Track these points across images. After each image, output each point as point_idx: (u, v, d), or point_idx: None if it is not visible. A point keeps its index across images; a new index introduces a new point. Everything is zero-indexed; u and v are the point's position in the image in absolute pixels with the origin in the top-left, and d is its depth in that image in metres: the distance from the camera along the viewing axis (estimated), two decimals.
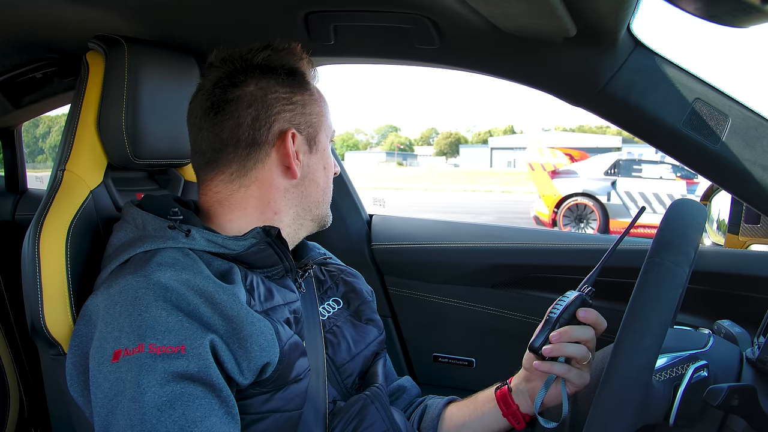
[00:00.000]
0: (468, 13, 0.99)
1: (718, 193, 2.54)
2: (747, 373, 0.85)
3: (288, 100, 0.89)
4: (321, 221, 0.96)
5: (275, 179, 0.89)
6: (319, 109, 0.92)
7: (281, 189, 0.90)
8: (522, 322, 1.51)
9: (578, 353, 0.85)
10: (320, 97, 0.93)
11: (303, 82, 0.91)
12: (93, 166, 1.00)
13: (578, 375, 0.87)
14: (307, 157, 0.90)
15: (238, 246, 0.84)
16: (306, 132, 0.90)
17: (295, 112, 0.89)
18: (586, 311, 0.86)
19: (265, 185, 0.89)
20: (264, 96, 0.87)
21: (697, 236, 0.74)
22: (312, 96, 0.91)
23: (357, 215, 1.66)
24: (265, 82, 0.88)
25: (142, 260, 0.79)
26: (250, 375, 0.76)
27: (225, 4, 1.11)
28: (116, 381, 0.70)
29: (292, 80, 0.90)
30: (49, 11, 1.15)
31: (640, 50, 1.05)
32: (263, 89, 0.88)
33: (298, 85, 0.90)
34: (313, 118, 0.91)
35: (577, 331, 0.85)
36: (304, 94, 0.90)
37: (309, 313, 0.92)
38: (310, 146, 0.91)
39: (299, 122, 0.89)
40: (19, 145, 1.94)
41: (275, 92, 0.88)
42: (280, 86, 0.89)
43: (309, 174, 0.91)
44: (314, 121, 0.91)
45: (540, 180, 8.97)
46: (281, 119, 0.88)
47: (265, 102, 0.87)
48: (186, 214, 0.86)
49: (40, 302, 0.87)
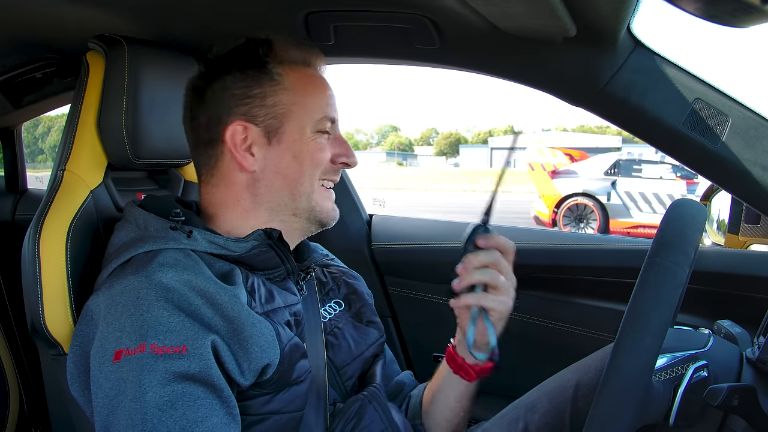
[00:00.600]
0: (468, 13, 0.99)
1: (718, 193, 2.54)
2: (747, 373, 0.85)
3: (243, 95, 0.88)
4: (309, 216, 0.92)
5: (234, 175, 0.89)
6: (291, 98, 0.88)
7: (243, 185, 0.89)
8: (522, 322, 1.51)
9: (485, 277, 0.86)
10: (297, 86, 0.89)
11: (263, 72, 0.88)
12: (93, 166, 1.00)
13: (496, 301, 0.87)
14: (264, 149, 0.88)
15: (239, 248, 0.84)
16: (265, 124, 0.88)
17: (252, 104, 0.88)
18: (485, 237, 0.87)
19: (229, 182, 0.90)
20: (218, 96, 0.88)
21: (697, 236, 0.74)
22: (278, 86, 0.88)
23: (357, 215, 1.66)
24: (220, 82, 0.89)
25: (144, 260, 0.79)
26: (250, 376, 0.76)
27: (225, 4, 1.11)
28: (117, 381, 0.70)
29: (249, 74, 0.88)
30: (49, 11, 1.15)
31: (640, 50, 1.05)
32: (217, 90, 0.89)
33: (257, 77, 0.88)
34: (278, 108, 0.88)
35: (479, 257, 0.86)
36: (265, 85, 0.88)
37: (310, 315, 0.92)
38: (269, 138, 0.88)
39: (256, 114, 0.88)
40: (19, 145, 1.94)
41: (228, 90, 0.88)
42: (234, 83, 0.88)
43: (270, 166, 0.89)
44: (279, 112, 0.88)
45: (540, 180, 8.97)
46: (235, 113, 0.88)
47: (220, 100, 0.88)
48: (188, 215, 0.86)
49: (40, 302, 0.87)
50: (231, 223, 0.90)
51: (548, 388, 1.01)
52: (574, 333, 1.45)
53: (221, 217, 0.91)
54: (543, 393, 1.01)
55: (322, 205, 0.92)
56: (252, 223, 0.90)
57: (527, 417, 0.99)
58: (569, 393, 0.96)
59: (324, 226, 0.95)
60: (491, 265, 0.87)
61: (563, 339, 1.46)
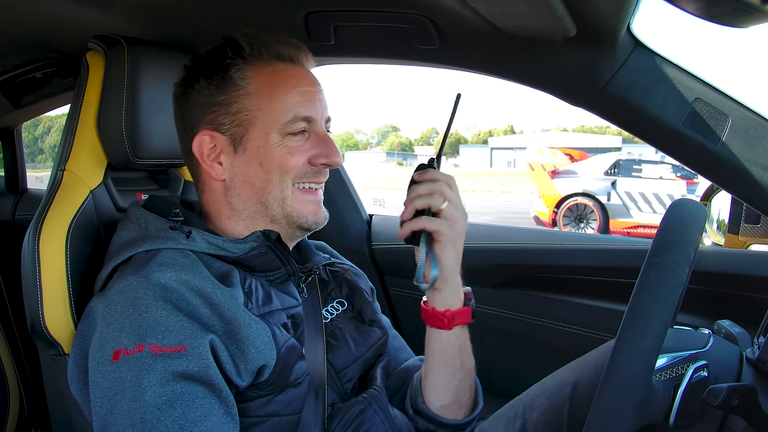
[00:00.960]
0: (468, 13, 0.99)
1: (718, 193, 2.54)
2: (747, 373, 0.85)
3: (210, 102, 0.87)
4: (288, 221, 0.89)
5: (211, 183, 0.90)
6: (255, 103, 0.86)
7: (220, 192, 0.90)
8: (522, 322, 1.51)
9: (427, 202, 0.85)
10: (261, 90, 0.86)
11: (225, 79, 0.86)
12: (93, 166, 1.00)
13: (440, 223, 0.85)
14: (230, 157, 0.87)
15: (237, 249, 0.84)
16: (231, 132, 0.87)
17: (218, 112, 0.87)
18: (422, 171, 0.87)
19: (209, 190, 0.91)
20: (188, 106, 0.89)
21: (697, 236, 0.74)
22: (240, 91, 0.86)
23: (357, 215, 1.66)
24: (191, 92, 0.89)
25: (143, 260, 0.79)
26: (247, 377, 0.76)
27: (225, 4, 1.11)
28: (116, 380, 0.70)
29: (216, 80, 0.87)
30: (49, 11, 1.15)
31: (640, 50, 1.05)
32: (187, 99, 0.89)
33: (220, 84, 0.87)
34: (242, 115, 0.86)
35: (420, 187, 0.86)
36: (229, 92, 0.86)
37: (311, 317, 0.92)
38: (235, 146, 0.87)
39: (222, 123, 0.87)
40: (19, 145, 1.94)
41: (198, 97, 0.88)
42: (200, 92, 0.88)
43: (237, 175, 0.88)
44: (244, 119, 0.86)
45: (540, 180, 8.96)
46: (203, 122, 0.88)
47: (192, 108, 0.88)
48: (187, 216, 0.87)
49: (40, 302, 0.87)
50: (224, 226, 0.91)
51: (546, 386, 1.01)
52: (574, 333, 1.45)
53: (216, 220, 0.92)
54: (541, 391, 1.01)
55: (300, 210, 0.89)
56: (240, 229, 0.90)
57: (525, 415, 0.99)
58: (567, 391, 0.96)
59: (308, 230, 0.92)
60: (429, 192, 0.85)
61: (563, 339, 1.46)
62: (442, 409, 0.94)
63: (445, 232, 0.85)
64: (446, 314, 0.90)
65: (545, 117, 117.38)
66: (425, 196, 0.85)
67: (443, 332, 0.91)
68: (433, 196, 0.85)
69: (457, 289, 0.90)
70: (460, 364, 0.93)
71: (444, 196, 0.85)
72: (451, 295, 0.90)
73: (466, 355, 0.93)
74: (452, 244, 0.87)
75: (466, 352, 0.93)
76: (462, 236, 0.88)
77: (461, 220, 0.87)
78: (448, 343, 0.92)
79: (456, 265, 0.89)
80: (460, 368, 0.93)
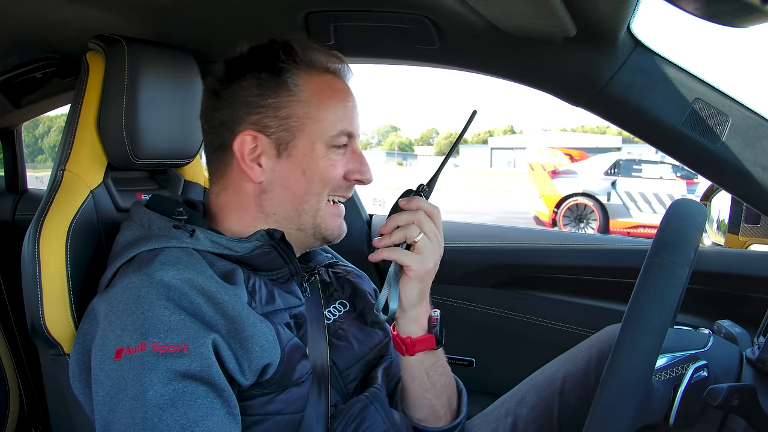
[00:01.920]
0: (468, 13, 0.99)
1: (718, 193, 2.54)
2: (747, 373, 0.85)
3: (257, 104, 0.86)
4: (314, 233, 0.90)
5: (242, 183, 0.89)
6: (305, 111, 0.86)
7: (251, 194, 0.88)
8: (522, 322, 1.51)
9: (402, 232, 0.84)
10: (312, 99, 0.86)
11: (280, 83, 0.86)
12: (93, 166, 1.00)
13: (410, 257, 0.84)
14: (273, 161, 0.87)
15: (241, 248, 0.84)
16: (276, 136, 0.86)
17: (265, 114, 0.86)
18: (407, 199, 0.86)
19: (236, 190, 0.89)
20: (232, 99, 0.87)
21: (697, 236, 0.74)
22: (293, 97, 0.86)
23: (357, 215, 1.66)
24: (238, 85, 0.87)
25: (146, 259, 0.79)
26: (251, 375, 0.76)
27: (225, 4, 1.11)
28: (118, 379, 0.70)
29: (267, 82, 0.86)
30: (50, 11, 1.15)
31: (640, 50, 1.05)
32: (234, 93, 0.87)
33: (274, 86, 0.86)
34: (291, 121, 0.85)
35: (400, 216, 0.85)
36: (281, 96, 0.86)
37: (314, 317, 0.92)
38: (279, 150, 0.86)
39: (268, 125, 0.86)
40: (19, 145, 1.94)
41: (244, 95, 0.86)
42: (251, 89, 0.86)
43: (278, 179, 0.87)
44: (292, 125, 0.86)
45: (540, 180, 8.97)
46: (246, 122, 0.86)
47: (233, 106, 0.87)
48: (191, 215, 0.86)
49: (40, 302, 0.87)
50: (235, 226, 0.90)
51: (536, 381, 1.02)
52: (574, 333, 1.45)
53: (226, 219, 0.91)
54: (531, 387, 1.01)
55: (329, 223, 0.91)
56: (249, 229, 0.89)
57: (516, 411, 0.99)
58: (557, 385, 0.97)
59: (329, 243, 0.94)
60: (408, 223, 0.85)
61: (563, 339, 1.46)
62: (420, 421, 0.94)
63: (414, 268, 0.84)
64: (406, 341, 0.89)
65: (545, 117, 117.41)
66: (403, 228, 0.85)
67: (407, 358, 0.90)
68: (410, 227, 0.84)
69: (417, 319, 0.89)
70: (429, 384, 0.92)
71: (421, 228, 0.84)
72: (411, 325, 0.89)
73: (437, 375, 0.92)
74: (419, 280, 0.86)
75: (437, 372, 0.92)
76: (431, 274, 0.87)
77: (433, 257, 0.86)
78: (413, 367, 0.91)
79: (419, 299, 0.88)
80: (429, 388, 0.92)
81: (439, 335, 0.90)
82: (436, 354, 0.91)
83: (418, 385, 0.92)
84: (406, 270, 0.85)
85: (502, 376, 1.03)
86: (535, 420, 0.97)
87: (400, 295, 0.86)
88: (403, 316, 0.88)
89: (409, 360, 0.90)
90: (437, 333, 0.90)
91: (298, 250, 0.93)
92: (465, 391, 1.00)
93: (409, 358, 0.90)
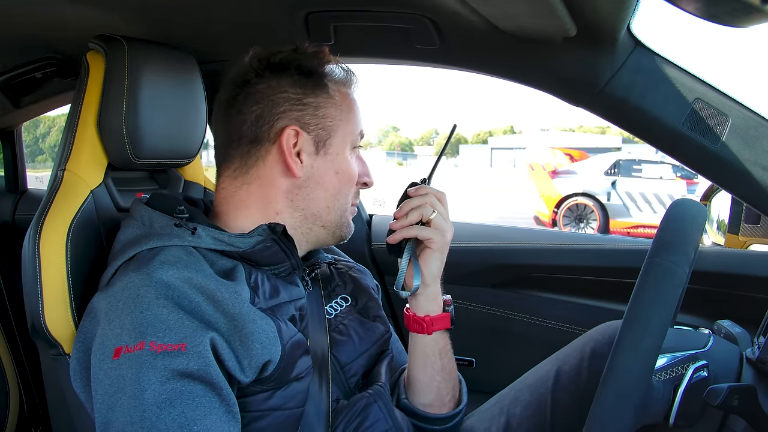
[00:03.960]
0: (468, 13, 0.99)
1: (718, 193, 2.54)
2: (747, 373, 0.85)
3: (298, 101, 0.88)
4: (335, 231, 0.94)
5: (276, 178, 0.89)
6: (338, 113, 0.90)
7: (282, 188, 0.89)
8: (522, 322, 1.51)
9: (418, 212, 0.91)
10: (344, 103, 0.91)
11: (320, 84, 0.90)
12: (93, 166, 1.00)
13: (431, 231, 0.91)
14: (311, 158, 0.89)
15: (244, 243, 0.84)
16: (315, 133, 0.89)
17: (305, 112, 0.88)
18: (416, 187, 0.94)
19: (266, 183, 0.89)
20: (272, 94, 0.88)
21: (697, 236, 0.74)
22: (330, 99, 0.90)
23: (357, 215, 1.66)
24: (277, 81, 0.89)
25: (146, 258, 0.79)
26: (251, 373, 0.76)
27: (225, 4, 1.11)
28: (117, 378, 0.71)
29: (307, 81, 0.89)
30: (50, 11, 1.15)
31: (640, 50, 1.05)
32: (273, 88, 0.88)
33: (313, 87, 0.89)
34: (327, 121, 0.89)
35: (412, 201, 0.92)
36: (319, 96, 0.89)
37: (314, 311, 0.93)
38: (317, 148, 0.89)
39: (308, 122, 0.89)
40: (19, 145, 1.94)
41: (285, 91, 0.88)
42: (292, 86, 0.88)
43: (314, 176, 0.90)
44: (329, 125, 0.90)
45: (540, 180, 8.97)
46: (287, 118, 0.88)
47: (272, 100, 0.88)
48: (192, 212, 0.87)
49: (40, 302, 0.87)
50: (246, 223, 0.90)
51: (529, 380, 1.02)
52: (574, 333, 1.45)
53: (239, 215, 0.90)
54: (524, 385, 1.02)
55: (349, 220, 0.95)
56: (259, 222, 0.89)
57: (509, 410, 1.00)
58: (550, 384, 0.97)
59: (340, 242, 0.98)
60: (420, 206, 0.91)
61: (563, 339, 1.45)
62: (424, 406, 0.99)
63: (436, 240, 0.91)
64: (425, 320, 0.95)
65: (545, 117, 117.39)
66: (417, 208, 0.91)
67: (424, 337, 0.96)
68: (424, 206, 0.91)
69: (436, 296, 0.96)
70: (440, 366, 0.97)
71: (434, 207, 0.92)
72: (430, 302, 0.96)
73: (447, 358, 0.98)
74: (440, 252, 0.93)
75: (447, 355, 0.98)
76: (448, 246, 0.94)
77: (449, 231, 0.93)
78: (428, 347, 0.97)
79: (439, 272, 0.95)
80: (440, 370, 0.98)
81: (453, 316, 0.97)
82: (445, 336, 0.98)
83: (430, 367, 0.97)
84: (428, 243, 0.92)
85: (502, 376, 1.03)
86: (528, 419, 0.98)
87: (422, 270, 0.93)
88: (424, 292, 0.95)
89: (425, 340, 0.96)
90: (452, 313, 0.97)
91: (307, 247, 0.95)
92: (464, 382, 1.04)
93: (426, 337, 0.96)
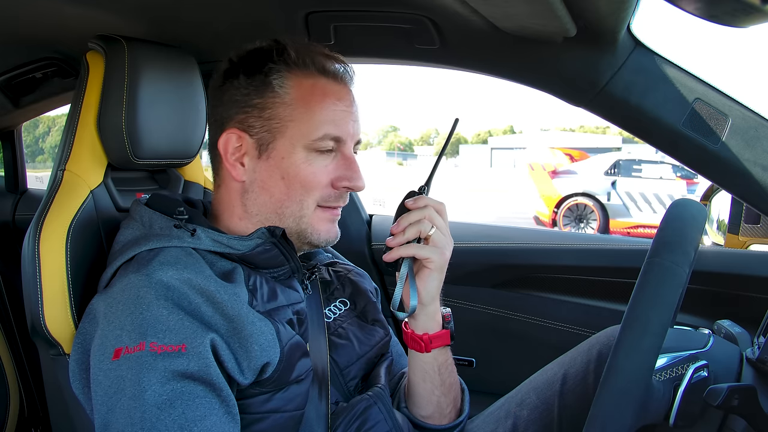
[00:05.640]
0: (468, 14, 0.99)
1: (718, 193, 2.54)
2: (747, 373, 0.85)
3: (245, 102, 0.86)
4: (301, 237, 0.89)
5: (229, 181, 0.90)
6: (287, 113, 0.85)
7: (237, 192, 0.90)
8: (522, 322, 1.51)
9: (416, 228, 0.87)
10: (298, 100, 0.85)
11: (265, 83, 0.86)
12: (93, 166, 1.00)
13: (430, 250, 0.87)
14: (253, 162, 0.87)
15: (243, 246, 0.84)
16: (259, 136, 0.86)
17: (250, 114, 0.86)
18: (414, 198, 0.89)
19: (226, 187, 0.91)
20: (225, 98, 0.89)
21: (697, 236, 0.74)
22: (276, 98, 0.85)
23: (357, 215, 1.66)
24: (230, 83, 0.88)
25: (146, 259, 0.79)
26: (250, 374, 0.76)
27: (225, 4, 1.11)
28: (116, 379, 0.71)
29: (255, 82, 0.86)
30: (50, 11, 1.15)
31: (640, 50, 1.05)
32: (228, 90, 0.88)
33: (261, 87, 0.86)
34: (273, 123, 0.85)
35: (411, 215, 0.88)
36: (266, 96, 0.85)
37: (314, 314, 0.92)
38: (260, 151, 0.87)
39: (252, 125, 0.86)
40: (19, 145, 1.94)
41: (235, 94, 0.87)
42: (240, 88, 0.87)
43: (257, 180, 0.88)
44: (275, 126, 0.85)
45: (540, 180, 8.97)
46: (234, 120, 0.87)
47: (224, 103, 0.89)
48: (192, 214, 0.86)
49: (40, 302, 0.87)
50: (233, 224, 0.91)
51: (536, 383, 1.02)
52: (574, 333, 1.45)
53: (224, 218, 0.92)
54: (531, 388, 1.01)
55: (315, 227, 0.89)
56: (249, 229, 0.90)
57: (516, 413, 1.00)
58: (557, 387, 0.97)
59: (316, 247, 0.93)
60: (418, 221, 0.87)
61: (563, 339, 1.46)
62: (424, 418, 0.97)
63: (434, 259, 0.88)
64: (424, 338, 0.92)
65: (545, 117, 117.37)
66: (415, 224, 0.87)
67: (423, 354, 0.93)
68: (422, 222, 0.87)
69: (435, 314, 0.93)
70: (439, 381, 0.95)
71: (432, 222, 0.87)
72: (429, 320, 0.93)
73: (447, 373, 0.96)
74: (439, 271, 0.89)
75: (447, 370, 0.96)
76: (447, 264, 0.90)
77: (448, 248, 0.89)
78: (427, 364, 0.94)
79: (437, 291, 0.91)
80: (439, 385, 0.95)
81: (453, 331, 0.94)
82: (445, 352, 0.95)
83: (429, 383, 0.94)
84: (425, 263, 0.88)
85: (503, 377, 1.03)
86: (535, 422, 0.97)
87: (419, 290, 0.89)
88: (423, 312, 0.91)
89: (425, 357, 0.93)
90: (451, 329, 0.94)
91: (300, 249, 0.93)
92: (467, 391, 1.02)
93: (425, 355, 0.93)
